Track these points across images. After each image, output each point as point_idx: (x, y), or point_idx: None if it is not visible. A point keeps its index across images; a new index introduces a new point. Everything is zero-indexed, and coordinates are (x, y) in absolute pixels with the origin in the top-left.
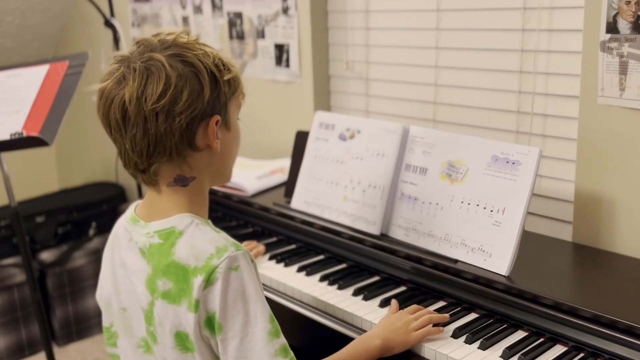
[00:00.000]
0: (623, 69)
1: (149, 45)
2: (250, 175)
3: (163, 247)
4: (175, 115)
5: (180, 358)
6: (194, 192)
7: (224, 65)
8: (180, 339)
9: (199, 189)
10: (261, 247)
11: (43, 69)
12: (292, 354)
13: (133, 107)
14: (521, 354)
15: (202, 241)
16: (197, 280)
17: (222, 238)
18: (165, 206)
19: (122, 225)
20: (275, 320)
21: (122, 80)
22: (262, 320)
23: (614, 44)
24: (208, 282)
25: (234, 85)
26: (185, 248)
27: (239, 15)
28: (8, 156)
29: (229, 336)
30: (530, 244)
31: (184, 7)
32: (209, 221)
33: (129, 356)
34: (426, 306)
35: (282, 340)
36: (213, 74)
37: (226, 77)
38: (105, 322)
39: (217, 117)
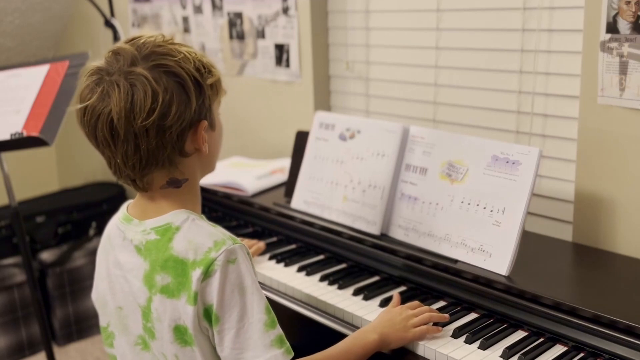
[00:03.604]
0: (623, 69)
1: (128, 57)
2: (250, 175)
3: (160, 243)
4: (165, 129)
5: (179, 352)
6: (187, 191)
7: (204, 68)
8: (179, 333)
9: (192, 187)
10: (261, 244)
11: (43, 69)
12: (287, 344)
13: (122, 124)
14: (521, 354)
15: (200, 235)
16: (196, 273)
17: (219, 232)
18: (159, 205)
19: (115, 225)
20: (272, 312)
21: (105, 97)
22: (258, 311)
23: (614, 44)
24: (206, 275)
25: (217, 87)
26: (183, 242)
27: (239, 15)
28: (8, 156)
29: (226, 327)
30: (530, 244)
31: (184, 7)
32: (203, 216)
33: (127, 355)
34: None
35: (278, 331)
36: (197, 81)
37: (209, 82)
38: (102, 322)
39: (205, 123)
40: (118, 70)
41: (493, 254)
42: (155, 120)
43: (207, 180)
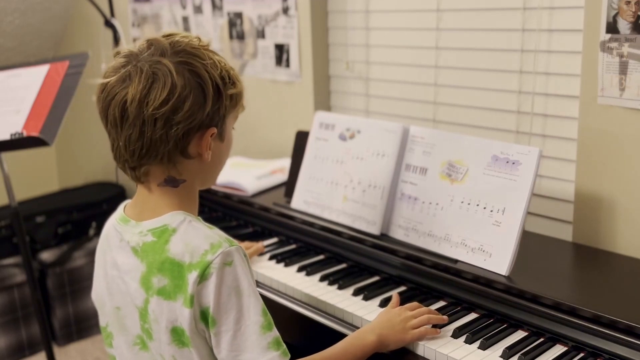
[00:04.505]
0: (623, 69)
1: (160, 48)
2: (250, 175)
3: (157, 245)
4: (173, 124)
5: (176, 353)
6: (184, 193)
7: (229, 79)
8: (176, 335)
9: (190, 190)
10: (260, 245)
11: (43, 69)
12: (284, 346)
13: (133, 108)
14: (521, 354)
15: (196, 238)
16: (192, 276)
17: (216, 234)
18: (156, 205)
19: (112, 225)
20: (268, 314)
21: (126, 79)
22: (254, 314)
23: (614, 44)
24: (202, 278)
25: (236, 100)
26: (179, 245)
27: (239, 15)
28: (8, 156)
29: (223, 330)
30: (530, 244)
31: (184, 7)
32: (200, 218)
33: (125, 355)
34: (426, 306)
35: (275, 333)
36: (217, 87)
37: (230, 92)
38: (101, 322)
39: (214, 130)
40: (146, 57)
41: (493, 254)
42: (166, 112)
43: None
